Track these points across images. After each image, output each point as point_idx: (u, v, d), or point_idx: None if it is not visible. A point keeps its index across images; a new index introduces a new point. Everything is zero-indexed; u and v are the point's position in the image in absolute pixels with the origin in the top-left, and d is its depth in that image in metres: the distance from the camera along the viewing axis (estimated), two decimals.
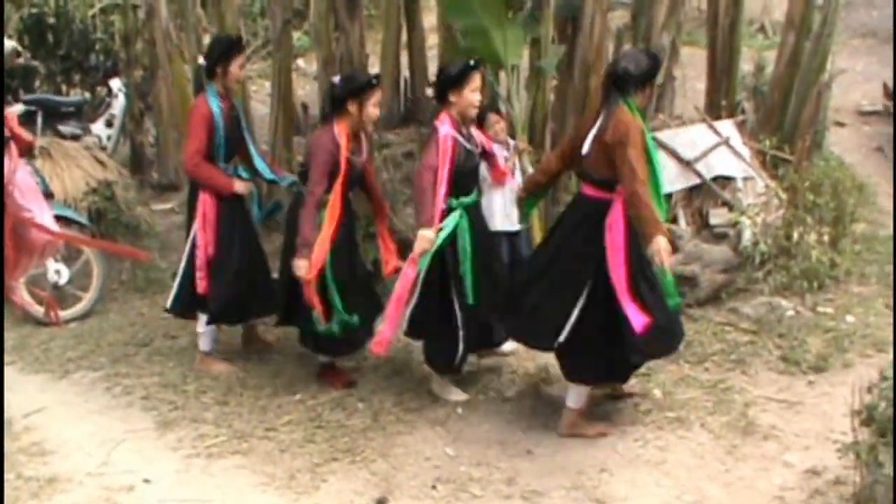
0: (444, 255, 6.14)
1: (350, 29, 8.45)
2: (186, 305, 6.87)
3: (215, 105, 6.59)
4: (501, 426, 6.14)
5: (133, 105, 10.68)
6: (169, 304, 6.93)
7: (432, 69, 10.82)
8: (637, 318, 5.47)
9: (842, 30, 12.45)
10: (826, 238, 7.96)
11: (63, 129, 10.23)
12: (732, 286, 7.64)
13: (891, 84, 12.44)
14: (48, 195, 7.70)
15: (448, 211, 6.14)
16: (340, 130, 6.28)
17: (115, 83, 11.08)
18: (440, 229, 6.02)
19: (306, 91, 12.03)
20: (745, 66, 10.52)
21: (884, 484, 4.64)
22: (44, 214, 6.00)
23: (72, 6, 12.13)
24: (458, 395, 6.45)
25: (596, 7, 8.24)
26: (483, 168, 6.61)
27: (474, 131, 6.36)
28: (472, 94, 6.10)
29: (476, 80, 6.11)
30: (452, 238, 6.14)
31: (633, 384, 6.34)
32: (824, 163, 8.98)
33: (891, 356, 6.58)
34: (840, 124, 11.75)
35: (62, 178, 8.46)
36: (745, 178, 8.46)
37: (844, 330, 7.16)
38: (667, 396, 6.35)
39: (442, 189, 5.99)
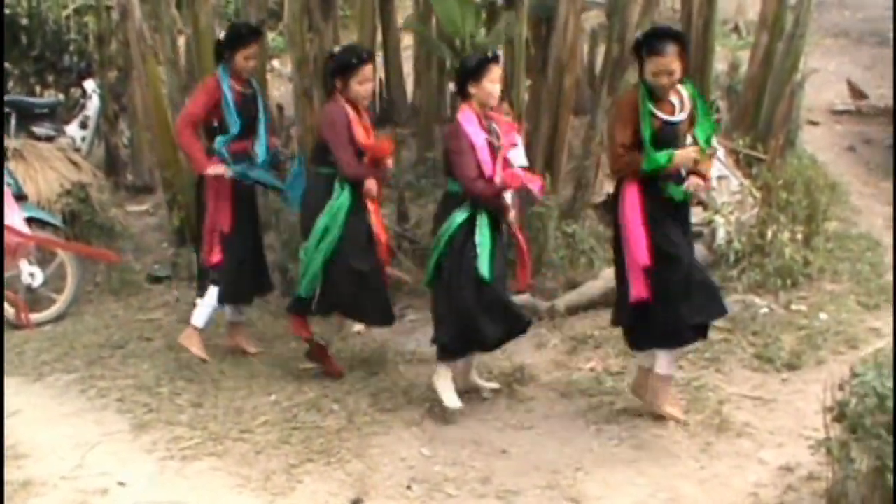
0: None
1: (324, 29, 8.41)
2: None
3: (225, 83, 6.69)
4: (476, 426, 6.14)
5: (107, 106, 10.63)
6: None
7: (407, 69, 10.84)
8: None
9: (814, 30, 12.52)
10: (799, 236, 8.00)
11: (37, 130, 10.19)
12: None
13: (855, 82, 12.54)
14: (21, 197, 7.68)
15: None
16: (344, 104, 6.46)
17: (90, 84, 11.04)
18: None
19: (281, 92, 11.99)
20: (719, 65, 10.58)
21: (855, 479, 4.67)
22: (13, 216, 5.96)
23: (45, 7, 12.08)
24: (453, 401, 6.27)
25: (570, 7, 8.26)
26: None
27: (495, 121, 6.32)
28: (490, 86, 6.11)
29: (494, 72, 6.12)
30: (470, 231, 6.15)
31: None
32: (797, 161, 9.02)
33: (863, 353, 6.66)
34: (813, 123, 11.81)
35: (36, 179, 8.42)
36: (720, 177, 8.51)
37: (818, 327, 7.20)
38: (637, 395, 6.36)
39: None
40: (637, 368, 6.24)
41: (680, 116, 5.86)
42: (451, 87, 8.32)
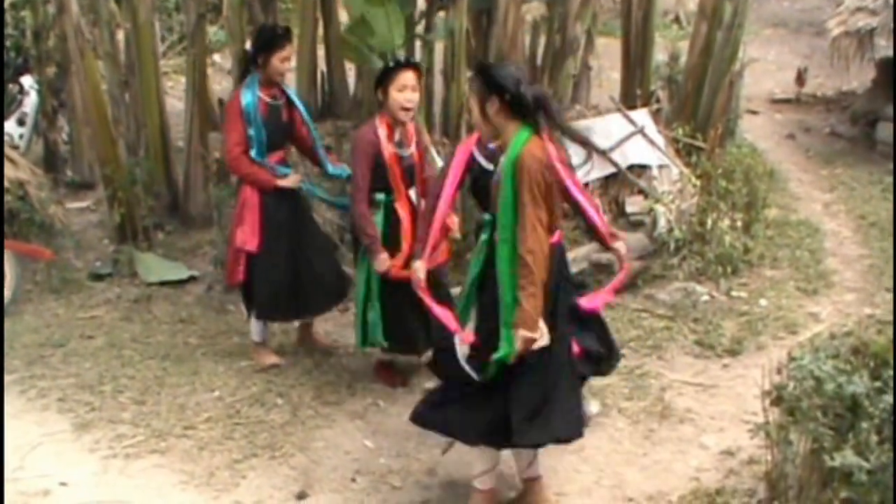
0: None
1: (264, 22, 8.38)
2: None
3: (248, 96, 6.45)
4: None
5: (45, 102, 10.47)
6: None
7: (349, 63, 10.80)
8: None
9: (753, 20, 12.67)
10: (739, 224, 8.11)
11: None
12: (648, 273, 7.75)
13: (804, 72, 12.71)
14: None
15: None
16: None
17: (27, 80, 10.85)
18: None
19: (223, 86, 11.90)
20: (660, 56, 10.65)
21: (794, 462, 4.75)
22: None
23: None
24: None
25: None
26: None
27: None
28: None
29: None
30: None
31: None
32: (737, 150, 9.12)
33: (802, 338, 6.77)
34: (753, 112, 11.96)
35: None
36: (660, 166, 8.58)
37: (758, 313, 7.30)
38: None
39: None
40: None
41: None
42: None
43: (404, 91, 5.96)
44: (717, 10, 9.39)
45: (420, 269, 5.31)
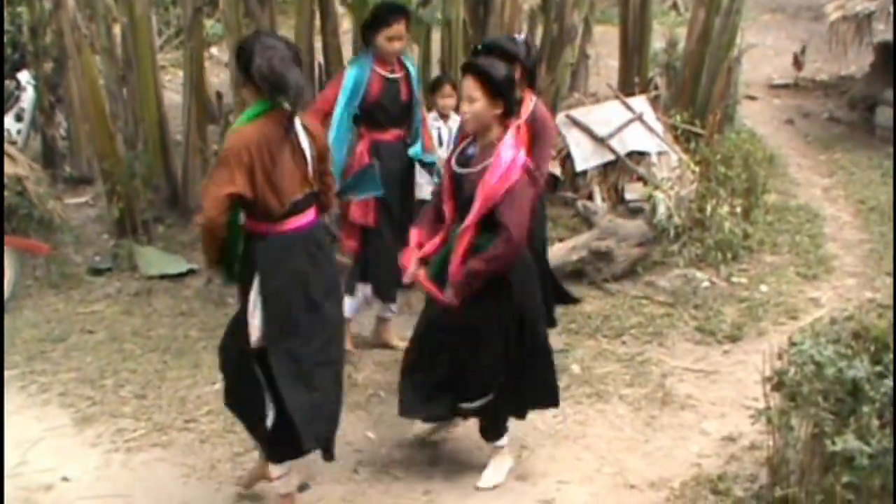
0: None
1: (261, 15, 8.34)
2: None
3: (356, 70, 6.29)
4: None
5: (43, 98, 10.47)
6: None
7: (347, 54, 10.78)
8: None
9: (751, 5, 12.66)
10: (738, 210, 8.11)
11: None
12: (648, 260, 7.74)
13: (801, 56, 12.68)
14: None
15: None
16: None
17: (24, 76, 10.84)
18: None
19: (220, 79, 11.89)
20: (658, 43, 10.64)
21: (795, 447, 4.75)
22: None
23: None
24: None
25: None
26: None
27: None
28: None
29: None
30: None
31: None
32: (736, 136, 9.13)
33: (803, 323, 6.76)
34: (751, 98, 11.96)
35: None
36: (659, 153, 8.58)
37: (758, 299, 7.31)
38: (585, 371, 6.42)
39: None
40: None
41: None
42: None
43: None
44: None
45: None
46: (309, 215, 4.77)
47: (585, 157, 8.58)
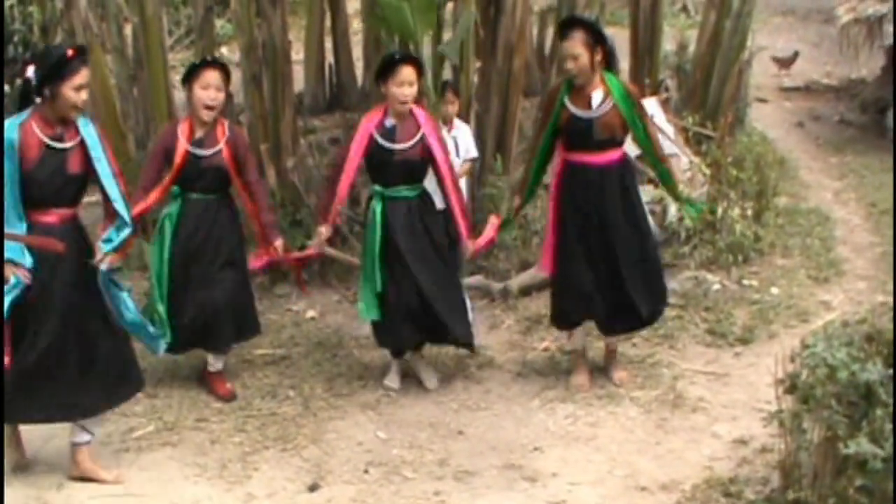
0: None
1: (272, 15, 8.34)
2: None
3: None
4: (432, 408, 6.16)
5: None
6: None
7: (357, 54, 10.81)
8: None
9: (762, 8, 12.60)
10: (749, 212, 8.08)
11: None
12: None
13: (795, 56, 12.68)
14: None
15: (369, 200, 6.32)
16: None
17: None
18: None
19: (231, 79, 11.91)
20: (668, 45, 10.61)
21: (808, 450, 4.73)
22: None
23: None
24: (392, 381, 6.43)
25: None
26: None
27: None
28: (396, 88, 6.04)
29: (401, 74, 6.02)
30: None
31: None
32: (747, 138, 9.12)
33: (813, 326, 6.74)
34: (762, 101, 11.92)
35: None
36: (670, 155, 8.53)
37: (769, 302, 7.28)
38: (596, 373, 6.40)
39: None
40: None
41: (593, 113, 5.94)
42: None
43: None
44: None
45: (323, 233, 6.19)
46: None
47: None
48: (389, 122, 6.13)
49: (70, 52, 5.21)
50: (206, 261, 6.24)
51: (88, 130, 5.31)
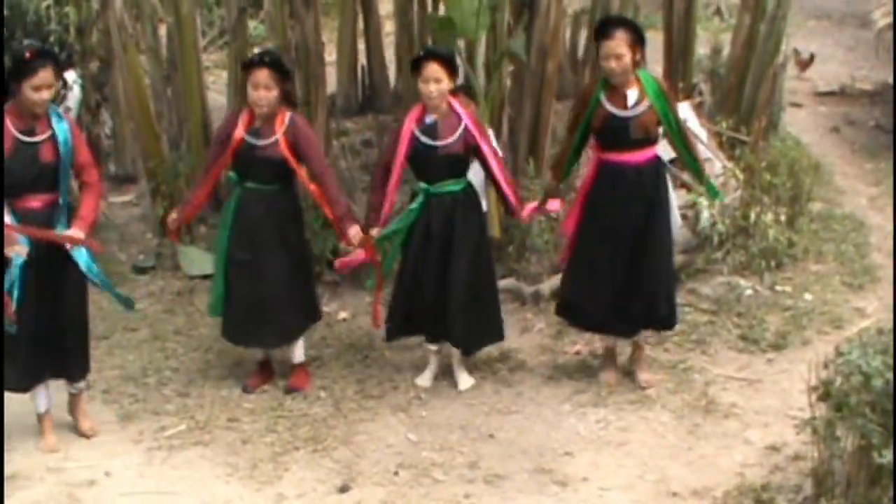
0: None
1: (305, 16, 8.36)
2: None
3: None
4: (463, 411, 6.16)
5: (89, 97, 10.56)
6: None
7: (389, 56, 10.81)
8: None
9: (796, 11, 12.50)
10: (783, 217, 8.02)
11: None
12: (691, 267, 7.68)
13: (804, 54, 12.57)
14: None
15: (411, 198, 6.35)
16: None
17: (70, 75, 10.92)
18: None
19: None
20: (702, 48, 10.55)
21: (841, 458, 4.70)
22: None
23: None
24: (424, 380, 6.48)
25: None
26: None
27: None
28: (422, 85, 6.07)
29: (427, 70, 6.03)
30: None
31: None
32: (781, 143, 9.04)
33: (847, 333, 6.69)
34: (796, 105, 11.82)
35: None
36: (703, 160, 8.49)
37: (802, 308, 7.23)
38: (627, 378, 6.38)
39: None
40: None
41: (630, 112, 5.93)
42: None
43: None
44: (761, 2, 9.28)
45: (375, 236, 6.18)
46: None
47: None
48: (430, 118, 6.16)
49: (28, 54, 5.51)
50: (261, 250, 6.25)
51: (61, 126, 5.67)
